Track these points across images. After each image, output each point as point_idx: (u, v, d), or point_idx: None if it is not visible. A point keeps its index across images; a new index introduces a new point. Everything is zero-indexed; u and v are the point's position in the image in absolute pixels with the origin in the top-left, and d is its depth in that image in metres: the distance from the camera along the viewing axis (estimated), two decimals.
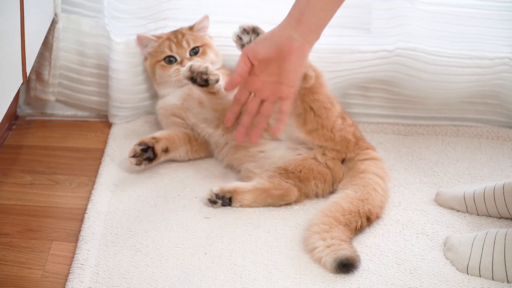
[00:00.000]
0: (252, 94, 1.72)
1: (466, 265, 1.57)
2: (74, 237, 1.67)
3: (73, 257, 1.60)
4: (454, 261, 1.59)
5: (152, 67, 1.99)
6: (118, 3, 2.01)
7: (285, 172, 1.79)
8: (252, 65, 1.66)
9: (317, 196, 1.81)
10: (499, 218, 1.73)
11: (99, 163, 1.92)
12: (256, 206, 1.76)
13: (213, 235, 1.67)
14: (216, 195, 1.74)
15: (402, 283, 1.54)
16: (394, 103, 2.12)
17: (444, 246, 1.64)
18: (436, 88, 2.07)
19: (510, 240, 1.55)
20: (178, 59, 1.96)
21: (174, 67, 1.95)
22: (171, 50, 1.95)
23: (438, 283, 1.54)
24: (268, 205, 1.76)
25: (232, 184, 1.78)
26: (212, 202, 1.75)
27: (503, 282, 1.54)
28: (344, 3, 2.02)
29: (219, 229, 1.69)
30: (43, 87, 2.12)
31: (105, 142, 2.03)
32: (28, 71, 1.82)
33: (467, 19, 2.02)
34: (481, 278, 1.55)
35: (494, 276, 1.55)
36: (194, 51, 1.97)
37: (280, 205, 1.76)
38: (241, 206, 1.75)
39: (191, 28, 2.01)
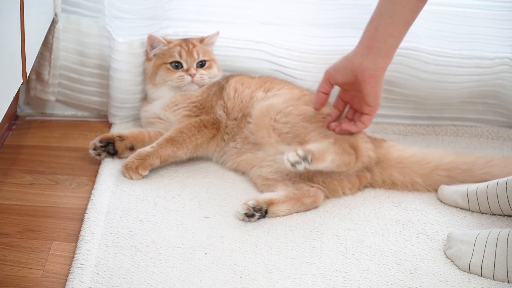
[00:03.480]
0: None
1: (468, 262, 1.57)
2: (74, 237, 1.67)
3: (73, 257, 1.59)
4: (455, 258, 1.59)
5: (156, 68, 2.00)
6: (120, 3, 2.01)
7: (311, 181, 1.79)
8: (332, 85, 1.77)
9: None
10: (500, 217, 1.73)
11: (99, 163, 1.92)
12: (288, 215, 1.75)
13: (213, 235, 1.67)
14: (253, 208, 1.71)
15: (402, 283, 1.54)
16: (394, 103, 2.12)
17: (446, 244, 1.64)
18: (436, 88, 2.07)
19: None
20: (185, 66, 1.98)
21: (179, 73, 1.98)
22: (180, 56, 1.98)
23: (438, 283, 1.54)
24: (297, 211, 1.76)
25: (264, 195, 1.76)
26: (249, 216, 1.71)
27: (503, 282, 1.54)
28: (344, 3, 2.04)
29: (219, 229, 1.69)
30: (43, 87, 2.12)
31: None
32: (28, 71, 1.82)
33: (467, 19, 2.02)
34: (481, 278, 1.55)
35: (495, 276, 1.55)
36: (201, 64, 2.00)
37: (309, 210, 1.77)
38: (276, 216, 1.74)
39: (201, 40, 2.03)
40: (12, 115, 2.12)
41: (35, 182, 1.87)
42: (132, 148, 1.93)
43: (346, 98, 1.80)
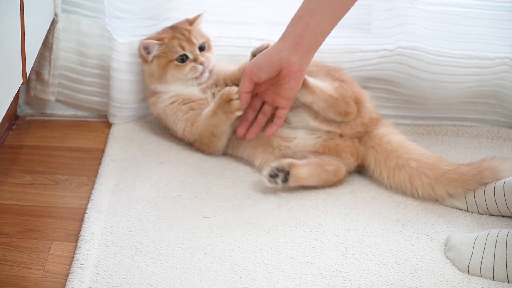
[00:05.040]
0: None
1: (467, 264, 1.57)
2: (74, 237, 1.67)
3: (73, 257, 1.60)
4: (455, 260, 1.59)
5: (163, 68, 1.94)
6: (120, 3, 2.01)
7: (319, 154, 1.81)
8: (255, 83, 1.78)
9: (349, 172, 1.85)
10: (499, 217, 1.73)
11: (99, 163, 1.92)
12: (312, 184, 1.76)
13: (213, 235, 1.67)
14: (277, 168, 1.73)
15: (402, 283, 1.54)
16: (394, 103, 2.12)
17: (445, 246, 1.64)
18: (436, 88, 2.07)
19: (511, 240, 1.55)
20: (191, 56, 1.94)
21: (190, 64, 1.93)
22: (183, 48, 1.93)
23: (438, 283, 1.54)
24: (322, 182, 1.77)
25: (286, 159, 1.77)
26: (273, 176, 1.73)
27: (503, 282, 1.54)
28: None
29: (219, 229, 1.69)
30: (43, 87, 2.12)
31: (105, 142, 2.03)
32: (28, 71, 1.82)
33: (467, 19, 2.02)
34: (482, 278, 1.55)
35: (495, 276, 1.55)
36: (201, 47, 1.96)
37: (333, 183, 1.78)
38: (298, 181, 1.75)
39: (190, 23, 1.99)
40: (12, 115, 2.13)
41: (35, 182, 1.87)
42: None
43: (258, 89, 1.82)
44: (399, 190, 1.81)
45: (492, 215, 1.74)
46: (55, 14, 2.03)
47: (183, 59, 1.94)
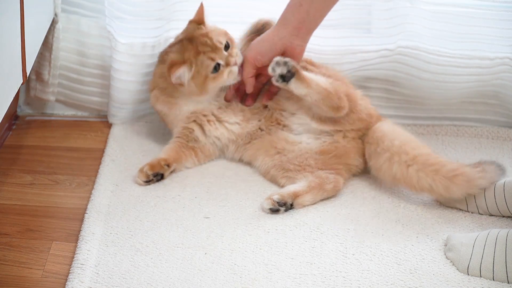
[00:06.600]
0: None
1: (467, 266, 1.57)
2: (74, 237, 1.67)
3: (73, 257, 1.60)
4: (455, 261, 1.59)
5: (202, 84, 1.86)
6: (121, 4, 2.01)
7: (326, 156, 1.83)
8: (258, 68, 1.85)
9: (354, 172, 1.88)
10: (499, 217, 1.73)
11: (99, 163, 1.92)
12: (313, 204, 1.79)
13: (213, 235, 1.67)
14: (278, 202, 1.74)
15: (402, 283, 1.54)
16: (394, 103, 2.12)
17: (445, 246, 1.64)
18: (436, 88, 2.07)
19: (511, 240, 1.55)
20: (222, 62, 1.85)
21: (225, 70, 1.85)
22: (213, 59, 1.84)
23: (438, 283, 1.54)
24: (321, 199, 1.80)
25: (287, 189, 1.78)
26: (275, 211, 1.74)
27: (503, 282, 1.54)
28: (345, 3, 2.04)
29: (219, 229, 1.69)
30: (43, 87, 2.12)
31: (105, 142, 2.03)
32: (28, 71, 1.83)
33: (467, 19, 2.02)
34: (482, 278, 1.55)
35: (494, 277, 1.55)
36: (226, 46, 1.87)
37: (332, 196, 1.81)
38: (300, 207, 1.77)
39: (201, 22, 1.90)
40: (12, 115, 2.13)
41: (35, 182, 1.87)
42: (173, 170, 1.88)
43: (259, 69, 1.86)
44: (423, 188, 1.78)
45: (492, 215, 1.74)
46: (55, 14, 2.03)
47: (216, 68, 1.85)
